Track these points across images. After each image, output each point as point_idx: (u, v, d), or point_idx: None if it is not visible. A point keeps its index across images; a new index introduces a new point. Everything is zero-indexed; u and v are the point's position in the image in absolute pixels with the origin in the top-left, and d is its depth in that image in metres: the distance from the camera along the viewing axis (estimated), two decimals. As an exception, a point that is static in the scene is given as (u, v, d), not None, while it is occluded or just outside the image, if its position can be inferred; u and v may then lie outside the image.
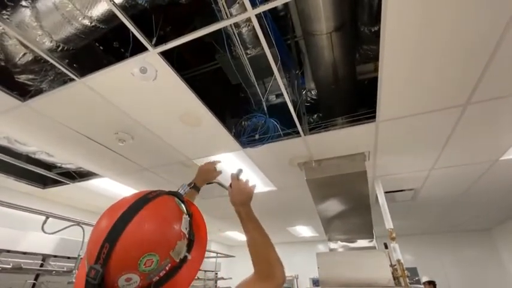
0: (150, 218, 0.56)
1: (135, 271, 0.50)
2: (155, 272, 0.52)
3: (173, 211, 0.61)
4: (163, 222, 0.57)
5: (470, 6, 1.23)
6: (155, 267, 0.52)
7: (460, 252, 5.98)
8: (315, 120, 2.31)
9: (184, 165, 2.81)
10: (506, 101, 1.81)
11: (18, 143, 2.39)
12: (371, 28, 1.52)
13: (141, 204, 0.57)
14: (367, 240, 3.53)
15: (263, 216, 5.35)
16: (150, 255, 0.51)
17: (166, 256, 0.54)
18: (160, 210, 0.59)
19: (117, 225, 0.52)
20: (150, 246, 0.52)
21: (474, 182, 3.22)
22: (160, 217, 0.58)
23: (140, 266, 0.50)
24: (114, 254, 0.49)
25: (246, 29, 1.44)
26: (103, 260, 0.49)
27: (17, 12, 1.33)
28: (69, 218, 2.27)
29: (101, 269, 0.48)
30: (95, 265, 0.49)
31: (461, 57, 1.50)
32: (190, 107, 1.93)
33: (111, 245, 0.50)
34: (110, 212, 0.57)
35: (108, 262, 0.49)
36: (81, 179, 3.11)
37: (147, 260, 0.51)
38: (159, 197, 0.61)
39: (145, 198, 0.59)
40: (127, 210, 0.55)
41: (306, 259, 6.75)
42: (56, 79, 1.67)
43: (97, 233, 0.53)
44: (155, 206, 0.58)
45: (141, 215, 0.54)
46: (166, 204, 0.62)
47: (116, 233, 0.51)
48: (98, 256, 0.49)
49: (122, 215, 0.54)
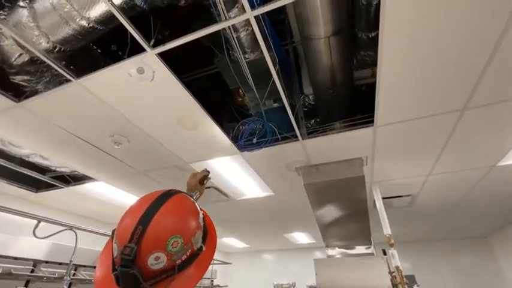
0: (176, 207, 0.65)
1: (164, 250, 0.57)
2: (179, 253, 0.59)
3: (193, 205, 0.70)
4: (186, 211, 0.67)
5: (467, 12, 1.25)
6: (180, 248, 0.59)
7: (458, 259, 5.95)
8: (312, 125, 2.31)
9: (181, 169, 2.78)
10: (504, 106, 1.83)
11: (12, 145, 2.35)
12: (368, 34, 1.54)
13: (167, 196, 0.66)
14: (365, 247, 3.49)
15: (260, 222, 5.30)
16: (176, 237, 0.59)
17: (188, 241, 0.61)
18: (183, 202, 0.69)
19: (147, 212, 0.60)
20: (176, 230, 0.60)
21: (471, 188, 3.23)
22: (184, 207, 0.68)
23: (168, 246, 0.57)
24: (147, 234, 0.56)
25: (244, 33, 1.45)
26: (136, 239, 0.56)
27: (14, 12, 1.32)
28: (61, 222, 2.22)
29: (135, 246, 0.55)
30: (129, 244, 0.55)
31: (459, 62, 1.51)
32: (188, 109, 1.92)
33: (144, 226, 0.57)
34: (138, 204, 0.65)
35: (141, 242, 0.56)
36: (75, 183, 3.06)
37: (174, 241, 0.58)
38: (180, 193, 0.70)
39: (169, 193, 0.68)
40: (155, 200, 0.63)
41: (304, 266, 6.67)
42: (52, 80, 1.65)
43: (128, 219, 0.61)
44: (179, 198, 0.68)
45: (168, 204, 0.63)
46: (187, 198, 0.71)
47: (147, 218, 0.59)
48: (131, 236, 0.56)
49: (150, 204, 0.62)
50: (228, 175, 2.93)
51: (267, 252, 7.56)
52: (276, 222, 4.79)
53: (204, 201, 3.61)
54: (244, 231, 5.53)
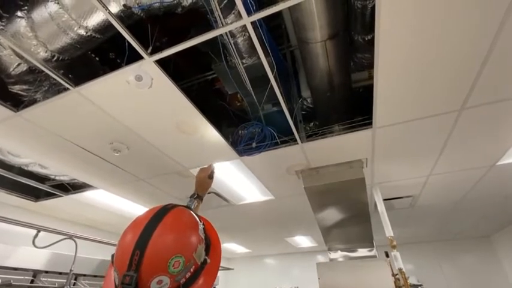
0: (174, 224, 0.62)
1: (165, 273, 0.54)
2: (182, 273, 0.57)
3: (191, 218, 0.68)
4: (185, 227, 0.64)
5: (462, 13, 1.26)
6: (182, 268, 0.57)
7: (461, 259, 5.91)
8: (311, 128, 2.32)
9: (181, 175, 2.77)
10: (501, 105, 1.84)
11: (11, 154, 2.35)
12: (364, 37, 1.55)
13: (162, 213, 0.62)
14: (368, 249, 3.47)
15: (261, 226, 5.27)
16: (177, 257, 0.56)
17: (191, 258, 0.59)
18: (181, 217, 0.66)
19: (144, 234, 0.57)
20: (176, 249, 0.57)
21: (472, 187, 3.22)
22: (182, 223, 0.65)
23: (169, 267, 0.55)
24: (145, 259, 0.54)
25: (241, 39, 1.46)
26: (135, 266, 0.53)
27: (12, 23, 1.33)
28: (61, 232, 2.20)
29: (134, 274, 0.52)
30: (129, 272, 0.53)
31: (455, 62, 1.52)
32: (186, 115, 1.92)
33: (142, 251, 0.54)
34: (133, 225, 0.62)
35: (140, 267, 0.53)
36: (75, 191, 3.04)
37: (175, 262, 0.56)
38: (177, 207, 0.67)
39: (165, 209, 0.65)
40: (151, 220, 0.60)
41: (306, 270, 6.61)
42: (51, 89, 1.66)
43: (125, 243, 0.57)
44: (175, 214, 0.65)
45: (164, 222, 0.60)
46: (184, 212, 0.68)
47: (144, 240, 0.56)
48: (130, 263, 0.54)
49: (146, 224, 0.59)
50: (228, 180, 2.92)
51: (269, 256, 7.50)
52: (277, 226, 4.76)
53: (205, 207, 3.59)
54: (245, 236, 5.49)
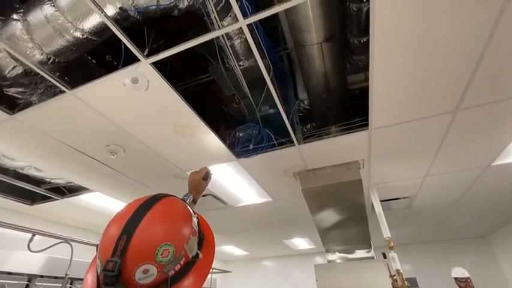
0: (165, 211, 0.58)
1: (153, 261, 0.50)
2: (171, 264, 0.52)
3: (184, 208, 0.64)
4: (177, 215, 0.60)
5: (457, 15, 1.28)
6: (171, 258, 0.52)
7: (459, 260, 5.91)
8: (308, 130, 2.33)
9: (178, 178, 2.76)
10: (495, 106, 1.86)
11: (6, 157, 2.32)
12: (360, 39, 1.57)
13: (154, 200, 0.59)
14: (365, 251, 3.47)
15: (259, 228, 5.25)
16: (166, 245, 0.52)
17: (181, 248, 0.54)
18: (173, 206, 0.62)
19: (132, 219, 0.53)
20: (166, 236, 0.53)
21: (468, 188, 3.25)
22: (174, 210, 0.61)
23: (157, 256, 0.50)
24: (132, 245, 0.50)
25: (238, 41, 1.46)
26: (120, 251, 0.49)
27: (8, 26, 1.33)
28: (56, 235, 2.17)
29: (118, 260, 0.48)
30: (113, 258, 0.49)
31: (449, 64, 1.54)
32: (183, 117, 1.92)
33: (129, 236, 0.50)
34: (122, 212, 0.58)
35: (126, 253, 0.49)
36: (71, 194, 3.02)
37: (164, 250, 0.51)
38: (169, 196, 0.64)
39: (156, 197, 0.61)
40: (140, 206, 0.56)
41: (304, 272, 6.59)
42: (46, 92, 1.65)
43: (111, 230, 0.53)
44: (168, 202, 0.61)
45: (155, 208, 0.57)
46: (177, 202, 0.64)
47: (132, 225, 0.52)
48: (115, 249, 0.49)
49: (136, 210, 0.55)
50: (225, 182, 2.92)
51: (267, 259, 7.48)
52: (275, 228, 4.75)
53: (202, 209, 3.58)
54: (243, 238, 5.47)
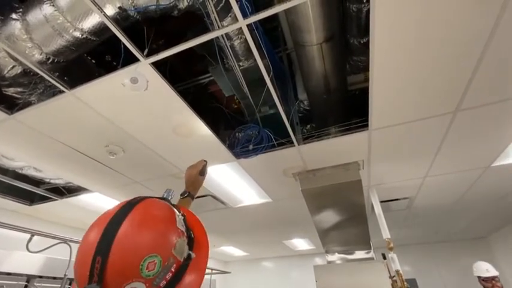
0: (142, 218, 0.52)
1: (139, 278, 0.45)
2: (160, 275, 0.47)
3: (164, 209, 0.57)
4: (156, 220, 0.53)
5: (457, 15, 1.28)
6: (159, 269, 0.47)
7: (458, 261, 5.93)
8: (308, 130, 2.32)
9: (177, 178, 2.75)
10: (495, 107, 1.86)
11: (5, 158, 2.32)
12: (360, 40, 1.56)
13: (127, 208, 0.52)
14: (365, 252, 3.47)
15: (258, 229, 5.24)
16: (150, 257, 0.46)
17: (169, 255, 0.49)
18: (150, 210, 0.55)
19: (105, 234, 0.47)
20: (149, 248, 0.48)
21: (468, 189, 3.25)
22: (153, 216, 0.54)
23: (143, 271, 0.45)
24: (109, 266, 0.44)
25: (238, 42, 1.46)
26: (97, 276, 0.43)
27: (7, 25, 1.33)
28: (55, 236, 2.17)
29: (97, 287, 0.43)
30: (90, 285, 0.43)
31: (449, 65, 1.54)
32: (183, 118, 1.92)
33: (104, 256, 0.44)
34: (94, 225, 0.51)
35: (105, 277, 0.43)
36: (70, 195, 3.01)
37: (149, 263, 0.46)
38: (146, 199, 0.57)
39: (130, 203, 0.54)
40: (113, 217, 0.50)
41: (304, 273, 6.59)
42: (46, 91, 1.64)
43: (83, 250, 0.48)
44: (144, 207, 0.55)
45: (130, 218, 0.50)
46: (155, 204, 0.58)
47: (106, 243, 0.46)
48: (90, 274, 0.44)
49: (108, 223, 0.49)
50: (225, 183, 2.91)
51: (267, 259, 7.47)
52: (274, 229, 4.75)
53: (201, 209, 3.57)
54: (243, 239, 5.46)
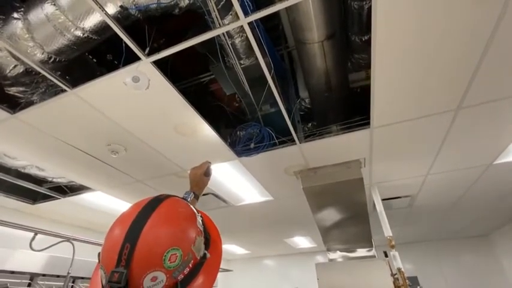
0: (169, 213, 0.57)
1: (161, 268, 0.49)
2: (180, 268, 0.51)
3: (187, 208, 0.62)
4: (181, 217, 0.59)
5: (459, 12, 1.27)
6: (179, 262, 0.51)
7: (460, 259, 5.93)
8: (309, 128, 2.32)
9: (179, 177, 2.76)
10: (498, 104, 1.85)
11: (8, 157, 2.33)
12: (361, 37, 1.55)
13: (155, 203, 0.57)
14: (367, 249, 3.47)
15: (260, 227, 5.25)
16: (173, 249, 0.50)
17: (189, 251, 0.53)
18: (175, 207, 0.60)
19: (135, 225, 0.52)
20: (172, 240, 0.52)
21: (470, 187, 3.24)
22: (178, 212, 0.59)
23: (165, 261, 0.49)
24: (137, 253, 0.48)
25: (239, 39, 1.46)
26: (125, 261, 0.47)
27: (9, 24, 1.33)
28: (58, 234, 2.18)
29: (124, 271, 0.46)
30: (117, 268, 0.47)
31: (452, 62, 1.53)
32: (184, 116, 1.92)
33: (132, 243, 0.49)
34: (123, 217, 0.56)
35: (131, 262, 0.47)
36: (72, 194, 3.03)
37: (172, 255, 0.50)
38: (171, 197, 0.63)
39: (158, 199, 0.59)
40: (142, 210, 0.55)
41: (305, 271, 6.60)
42: (48, 91, 1.65)
43: (113, 237, 0.52)
44: (170, 203, 0.60)
45: (158, 212, 0.55)
46: (180, 202, 0.63)
47: (135, 232, 0.50)
48: (119, 259, 0.48)
49: (137, 215, 0.54)
50: (226, 181, 2.92)
51: (268, 258, 7.49)
52: (276, 227, 4.76)
53: (203, 208, 3.58)
54: (244, 237, 5.48)
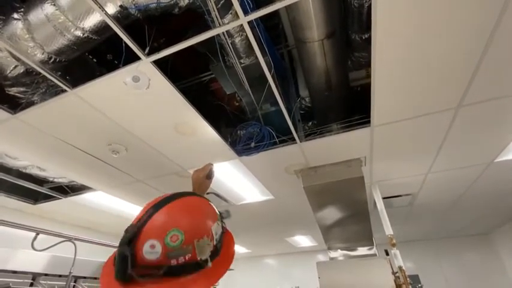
0: (191, 203, 0.65)
1: (161, 240, 0.54)
2: (175, 252, 0.54)
3: (210, 209, 0.68)
4: (201, 212, 0.65)
5: (459, 11, 1.27)
6: (178, 245, 0.54)
7: (460, 257, 5.92)
8: (310, 127, 2.32)
9: (180, 176, 2.76)
10: (498, 102, 1.84)
11: (9, 157, 2.34)
12: (362, 36, 1.55)
13: (186, 193, 0.66)
14: (367, 248, 3.48)
15: (261, 226, 5.26)
16: (177, 230, 0.55)
17: (190, 242, 0.56)
18: (200, 202, 0.68)
19: (165, 199, 0.61)
20: (181, 222, 0.57)
21: (470, 185, 3.23)
22: (199, 206, 0.66)
23: (167, 237, 0.54)
24: (152, 219, 0.56)
25: (239, 39, 1.46)
26: (142, 221, 0.56)
27: (9, 25, 1.33)
28: (60, 234, 2.19)
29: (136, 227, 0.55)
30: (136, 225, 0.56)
31: (452, 61, 1.53)
32: (184, 116, 1.92)
33: (154, 211, 0.58)
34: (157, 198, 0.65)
35: (144, 225, 0.55)
36: (73, 193, 3.03)
37: (174, 235, 0.55)
38: (204, 198, 0.71)
39: (190, 192, 0.70)
40: (173, 194, 0.64)
41: (306, 270, 6.60)
42: (48, 91, 1.65)
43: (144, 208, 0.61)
44: (197, 198, 0.68)
45: (183, 199, 0.64)
46: (206, 202, 0.69)
47: (162, 204, 0.60)
48: (140, 218, 0.57)
49: (173, 193, 0.64)
50: (227, 180, 2.92)
51: (269, 257, 7.50)
52: (277, 226, 4.76)
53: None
54: (245, 237, 5.49)
